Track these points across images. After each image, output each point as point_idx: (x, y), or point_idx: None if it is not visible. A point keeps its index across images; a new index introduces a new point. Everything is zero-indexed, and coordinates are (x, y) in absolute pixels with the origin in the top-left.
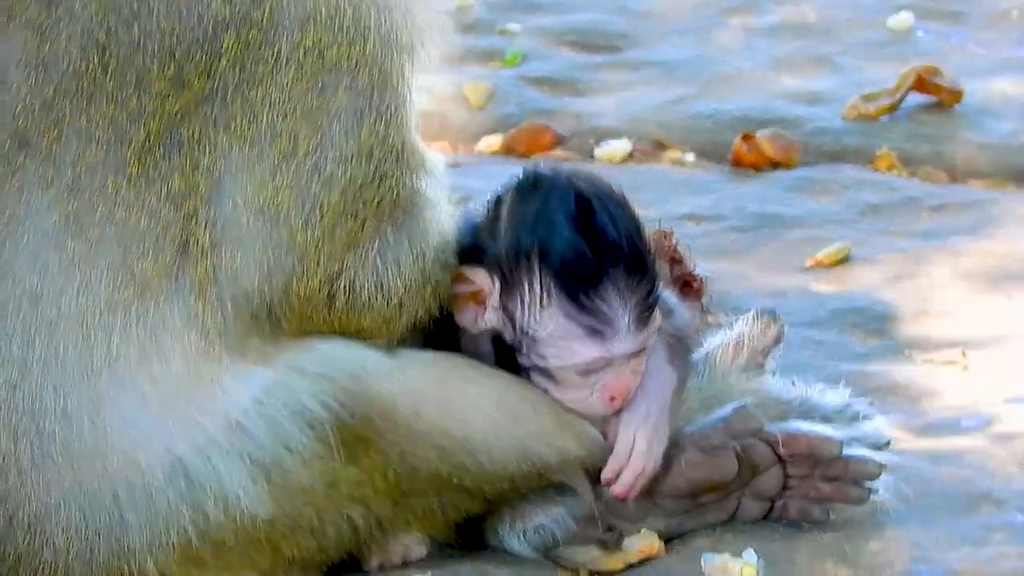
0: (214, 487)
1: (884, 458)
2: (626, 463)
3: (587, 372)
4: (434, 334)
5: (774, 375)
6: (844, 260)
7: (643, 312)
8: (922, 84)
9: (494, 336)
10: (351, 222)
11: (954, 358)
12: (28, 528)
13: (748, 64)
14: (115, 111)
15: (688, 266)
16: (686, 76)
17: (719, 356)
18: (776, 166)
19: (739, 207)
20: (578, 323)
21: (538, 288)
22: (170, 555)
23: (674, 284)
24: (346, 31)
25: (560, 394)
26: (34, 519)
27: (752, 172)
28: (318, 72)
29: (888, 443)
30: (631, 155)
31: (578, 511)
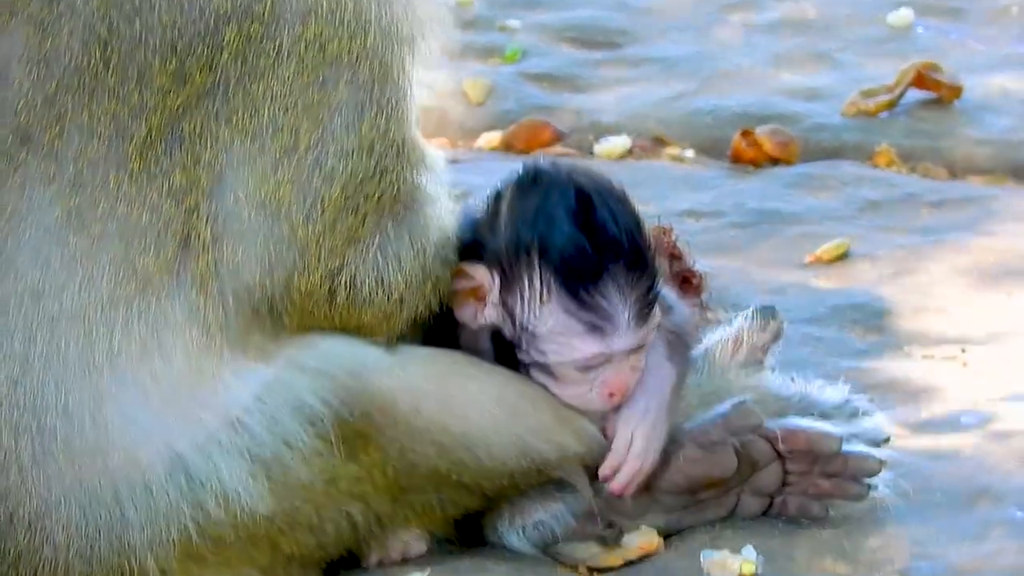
0: (214, 484)
1: (883, 454)
2: (624, 460)
3: (587, 368)
4: (434, 330)
5: (773, 371)
6: (843, 256)
7: (643, 308)
8: (922, 80)
9: (494, 332)
10: (352, 217)
11: (953, 354)
12: (29, 525)
13: (748, 60)
14: (117, 106)
15: (687, 262)
16: (686, 72)
17: (718, 352)
18: (775, 162)
19: (738, 203)
20: (578, 319)
21: (538, 284)
22: (170, 552)
23: (673, 280)
24: (347, 24)
25: (559, 390)
26: (35, 516)
27: (751, 168)
28: (319, 66)
29: (887, 439)
30: (630, 151)
31: (577, 507)
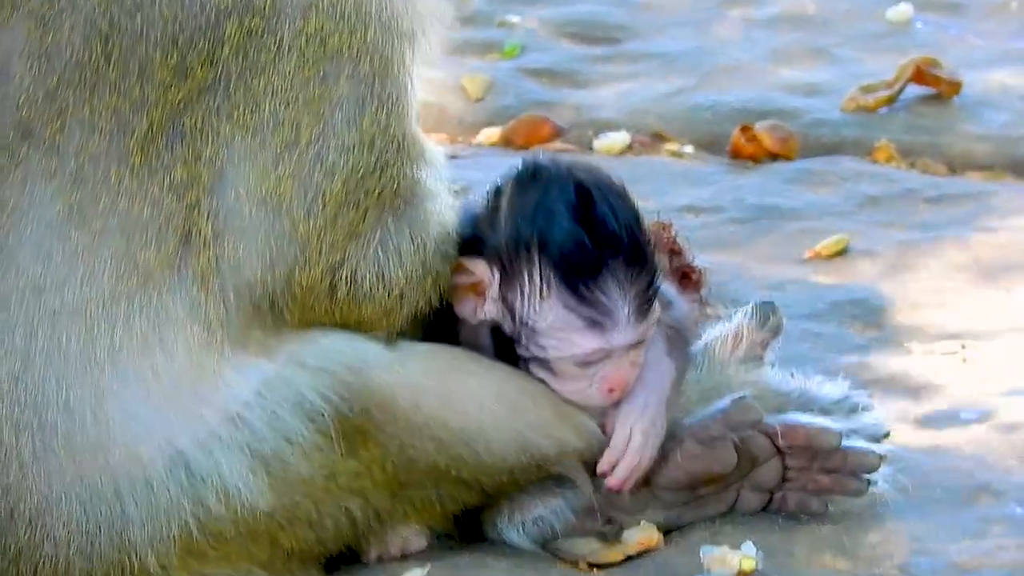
0: (215, 479)
1: (883, 450)
2: (622, 455)
3: (586, 364)
4: (434, 325)
5: (773, 367)
6: (843, 252)
7: (643, 304)
8: (921, 76)
9: (493, 328)
10: (353, 212)
11: (953, 350)
12: (29, 522)
13: (747, 56)
14: (118, 101)
15: (687, 258)
16: (685, 68)
17: (718, 348)
18: (775, 158)
19: (738, 199)
20: (577, 314)
21: (538, 279)
22: (171, 548)
23: (673, 276)
24: (347, 18)
25: (559, 386)
26: (35, 512)
27: (751, 164)
28: (320, 60)
29: (887, 435)
30: (630, 147)
31: (577, 503)
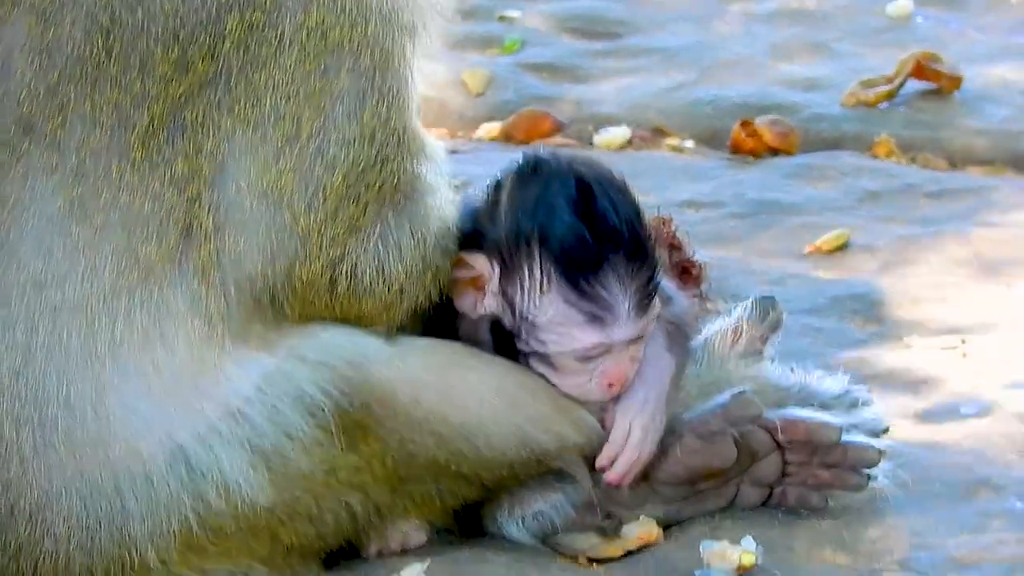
0: (215, 474)
1: (883, 445)
2: (622, 450)
3: (586, 358)
4: (434, 320)
5: (773, 362)
6: (843, 247)
7: (643, 298)
8: (921, 70)
9: (493, 322)
10: (353, 206)
11: (953, 344)
12: (30, 517)
13: (747, 51)
14: (119, 95)
15: (687, 252)
16: (685, 63)
17: (718, 343)
18: (775, 153)
19: (738, 194)
20: (578, 309)
21: (538, 273)
22: (171, 543)
23: (673, 271)
24: (348, 12)
25: (559, 380)
26: (36, 508)
27: (751, 159)
28: (321, 53)
29: (887, 430)
30: (630, 142)
31: (576, 498)
